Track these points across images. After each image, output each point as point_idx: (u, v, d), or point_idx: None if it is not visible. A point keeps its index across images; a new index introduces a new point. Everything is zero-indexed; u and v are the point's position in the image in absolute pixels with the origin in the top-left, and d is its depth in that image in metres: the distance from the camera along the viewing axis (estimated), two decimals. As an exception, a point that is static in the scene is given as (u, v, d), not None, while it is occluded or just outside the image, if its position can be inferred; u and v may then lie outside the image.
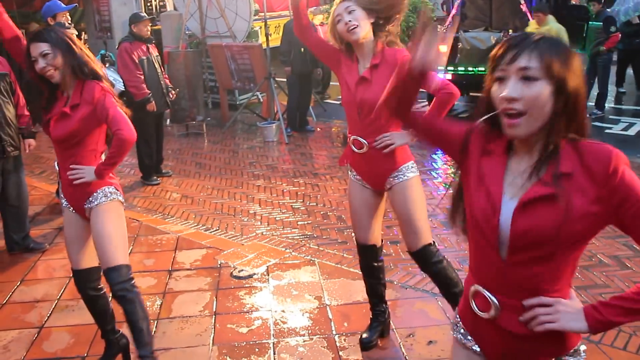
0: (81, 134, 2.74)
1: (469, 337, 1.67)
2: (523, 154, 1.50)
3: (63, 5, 5.44)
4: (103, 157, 2.90)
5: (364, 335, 3.26)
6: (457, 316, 1.73)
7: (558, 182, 1.41)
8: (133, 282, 2.83)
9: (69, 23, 5.44)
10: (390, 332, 3.36)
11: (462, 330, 1.70)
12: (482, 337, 1.64)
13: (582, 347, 1.60)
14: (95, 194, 2.80)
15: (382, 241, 3.21)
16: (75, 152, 2.80)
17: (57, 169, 2.92)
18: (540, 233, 1.43)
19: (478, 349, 1.66)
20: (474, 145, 1.60)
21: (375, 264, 3.18)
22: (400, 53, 2.77)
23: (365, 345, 3.23)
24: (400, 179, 2.90)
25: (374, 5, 2.72)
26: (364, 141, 2.86)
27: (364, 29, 2.72)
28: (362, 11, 2.70)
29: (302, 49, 7.98)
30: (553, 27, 7.75)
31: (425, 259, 2.96)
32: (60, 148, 2.82)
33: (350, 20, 2.69)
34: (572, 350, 1.57)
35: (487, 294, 1.55)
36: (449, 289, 3.00)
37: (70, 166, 2.78)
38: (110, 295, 2.89)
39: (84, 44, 2.93)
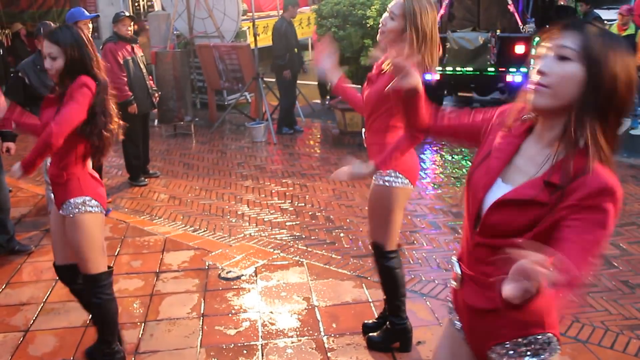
0: None
1: (454, 313, 1.75)
2: (539, 139, 1.50)
3: (87, 13, 5.37)
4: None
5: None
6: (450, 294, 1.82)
7: (554, 193, 1.39)
8: (109, 290, 2.91)
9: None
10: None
11: (450, 306, 1.78)
12: (459, 312, 1.72)
13: (548, 336, 1.55)
14: (66, 202, 2.75)
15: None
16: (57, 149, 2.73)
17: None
18: (509, 229, 1.45)
19: (459, 326, 1.72)
20: (496, 125, 1.64)
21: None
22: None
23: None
24: (380, 182, 2.88)
25: (417, 22, 2.68)
26: (364, 135, 3.00)
27: (388, 38, 2.77)
28: (401, 23, 2.68)
29: (297, 50, 8.06)
30: None
31: (379, 254, 3.04)
32: None
33: (384, 25, 2.78)
34: (537, 337, 1.54)
35: (455, 263, 1.66)
36: (395, 289, 3.11)
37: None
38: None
39: None
